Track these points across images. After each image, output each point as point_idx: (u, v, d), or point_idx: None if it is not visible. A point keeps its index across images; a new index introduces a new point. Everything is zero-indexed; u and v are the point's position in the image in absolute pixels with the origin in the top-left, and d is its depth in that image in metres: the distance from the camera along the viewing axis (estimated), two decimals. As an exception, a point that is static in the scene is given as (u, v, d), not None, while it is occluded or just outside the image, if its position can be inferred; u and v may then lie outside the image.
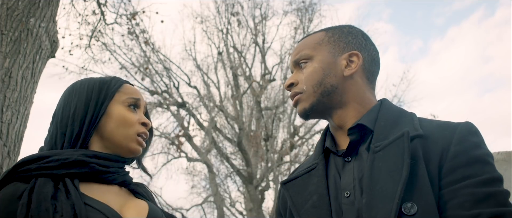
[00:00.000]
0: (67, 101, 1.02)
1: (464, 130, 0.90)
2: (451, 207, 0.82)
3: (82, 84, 1.04)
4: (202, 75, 12.09)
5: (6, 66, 2.52)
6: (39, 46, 2.77)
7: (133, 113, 1.03)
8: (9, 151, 2.46)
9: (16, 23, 2.64)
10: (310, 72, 1.03)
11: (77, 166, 0.91)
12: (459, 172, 0.84)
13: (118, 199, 0.96)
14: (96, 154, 0.96)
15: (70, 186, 0.87)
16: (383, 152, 0.90)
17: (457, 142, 0.88)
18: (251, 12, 12.31)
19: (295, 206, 0.99)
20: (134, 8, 7.40)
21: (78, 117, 0.98)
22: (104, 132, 1.00)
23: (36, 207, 0.80)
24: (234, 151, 12.66)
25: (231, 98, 12.10)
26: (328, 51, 1.04)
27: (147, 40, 9.86)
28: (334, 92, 1.02)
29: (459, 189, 0.83)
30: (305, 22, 12.11)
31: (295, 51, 1.09)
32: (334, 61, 1.03)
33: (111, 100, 1.02)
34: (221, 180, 12.93)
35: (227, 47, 12.05)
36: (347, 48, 1.05)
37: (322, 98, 1.02)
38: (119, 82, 1.06)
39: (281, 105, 11.91)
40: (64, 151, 0.94)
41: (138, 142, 1.02)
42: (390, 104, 1.04)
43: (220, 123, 12.25)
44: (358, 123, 0.98)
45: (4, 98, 2.46)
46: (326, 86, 1.01)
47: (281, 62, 12.24)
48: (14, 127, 2.51)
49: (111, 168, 0.97)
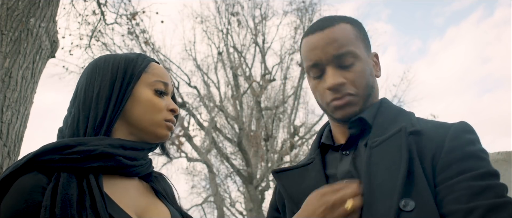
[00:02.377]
0: (90, 80, 0.94)
1: (459, 128, 0.89)
2: (448, 202, 0.80)
3: (106, 62, 0.96)
4: (202, 75, 12.10)
5: (6, 66, 2.52)
6: (39, 46, 2.77)
7: (160, 98, 0.97)
8: (9, 151, 2.46)
9: (16, 23, 2.64)
10: (360, 72, 0.96)
11: (102, 159, 0.85)
12: (454, 167, 0.83)
13: (139, 199, 0.91)
14: (122, 143, 0.90)
15: (95, 189, 0.80)
16: (380, 147, 0.88)
17: (451, 138, 0.87)
18: (251, 12, 12.33)
19: (292, 198, 0.97)
20: (134, 8, 7.40)
21: (102, 98, 0.91)
22: (130, 116, 0.93)
23: (60, 214, 0.73)
24: (234, 151, 12.66)
25: (231, 98, 12.10)
26: (364, 49, 1.00)
27: (147, 40, 9.86)
28: (372, 94, 0.99)
29: (455, 184, 0.81)
30: (305, 22, 12.11)
31: (334, 44, 0.95)
32: (369, 61, 1.00)
33: (137, 81, 0.95)
34: (221, 180, 12.94)
35: (227, 47, 12.05)
36: (370, 47, 1.03)
37: (367, 101, 0.98)
38: (146, 60, 0.99)
39: (281, 105, 11.91)
40: (89, 139, 0.87)
41: (167, 126, 0.96)
42: (389, 103, 1.03)
43: (220, 123, 12.25)
44: (360, 117, 0.96)
45: (4, 98, 2.46)
46: (370, 87, 0.98)
47: (281, 62, 12.25)
48: (14, 127, 2.51)
49: (136, 160, 0.92)
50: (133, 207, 0.88)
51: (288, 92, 12.30)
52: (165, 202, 0.97)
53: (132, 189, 0.92)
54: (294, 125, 12.33)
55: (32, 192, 0.77)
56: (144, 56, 1.00)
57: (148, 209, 0.92)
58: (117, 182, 0.89)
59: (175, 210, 0.98)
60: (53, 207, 0.74)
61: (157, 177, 1.02)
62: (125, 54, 0.99)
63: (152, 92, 0.96)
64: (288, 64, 12.30)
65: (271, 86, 12.53)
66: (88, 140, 0.87)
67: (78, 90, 0.95)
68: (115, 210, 0.82)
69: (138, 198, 0.92)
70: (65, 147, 0.84)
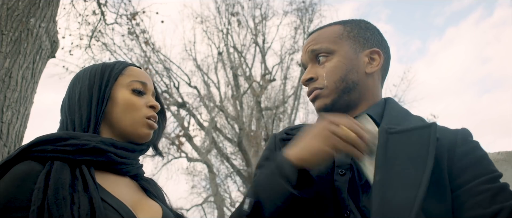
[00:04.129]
0: (72, 89, 1.00)
1: (465, 133, 0.94)
2: (469, 207, 0.82)
3: (85, 71, 1.02)
4: (202, 75, 12.10)
5: (6, 66, 2.52)
6: (39, 46, 2.77)
7: (138, 97, 0.99)
8: (9, 151, 2.46)
9: (16, 23, 2.64)
10: (332, 67, 1.00)
11: (94, 154, 0.88)
12: (469, 171, 0.86)
13: (131, 194, 0.93)
14: (113, 142, 0.93)
15: (87, 175, 0.83)
16: (401, 135, 0.88)
17: (461, 143, 0.91)
18: (251, 12, 12.32)
19: None
20: (134, 8, 7.41)
21: (84, 101, 0.95)
22: (112, 119, 0.96)
23: (53, 194, 0.75)
24: (234, 151, 12.66)
25: (231, 98, 12.10)
26: (349, 46, 1.02)
27: (147, 40, 9.86)
28: (355, 90, 1.00)
29: (473, 188, 0.84)
30: (305, 22, 12.11)
31: (312, 42, 1.04)
32: (356, 58, 1.01)
33: (114, 84, 0.98)
34: (221, 180, 12.94)
35: (227, 47, 12.05)
36: (367, 45, 1.04)
37: (343, 95, 0.99)
38: (122, 65, 1.02)
39: (281, 105, 11.91)
40: (82, 134, 0.90)
41: (148, 125, 0.98)
42: (396, 103, 1.05)
43: (220, 123, 12.25)
44: (366, 112, 0.97)
45: (4, 98, 2.46)
46: (348, 82, 0.99)
47: (281, 62, 12.25)
48: (14, 127, 2.52)
49: (127, 159, 0.95)
50: (126, 198, 0.90)
51: (288, 92, 12.31)
52: (156, 200, 0.99)
53: (123, 185, 0.94)
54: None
55: (25, 178, 0.79)
56: (122, 62, 1.04)
57: (140, 203, 0.94)
58: (108, 177, 0.91)
59: (166, 208, 1.00)
60: (45, 189, 0.77)
61: (148, 181, 1.04)
62: (103, 62, 1.04)
63: (129, 92, 0.99)
64: (288, 64, 12.31)
65: (271, 86, 12.54)
66: (81, 135, 0.90)
67: (64, 101, 1.01)
68: (108, 196, 0.85)
69: (129, 192, 0.94)
70: (58, 139, 0.87)
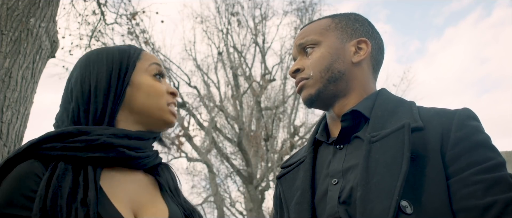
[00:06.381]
0: (85, 74, 0.92)
1: (463, 115, 0.88)
2: (462, 197, 0.78)
3: (99, 55, 0.95)
4: (202, 75, 12.10)
5: (6, 66, 2.52)
6: (39, 46, 2.77)
7: (159, 82, 0.96)
8: (9, 151, 2.46)
9: (16, 23, 2.64)
10: (317, 57, 1.00)
11: (103, 150, 0.84)
12: (463, 159, 0.81)
13: (138, 195, 0.89)
14: (127, 133, 0.88)
15: (91, 182, 0.80)
16: (381, 143, 0.86)
17: (456, 128, 0.85)
18: (251, 12, 12.32)
19: (286, 202, 0.98)
20: (134, 8, 7.39)
21: (101, 91, 0.89)
22: (133, 105, 0.92)
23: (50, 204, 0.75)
24: (234, 151, 12.66)
25: (231, 98, 12.10)
26: (336, 37, 1.02)
27: (147, 40, 9.85)
28: (341, 79, 0.99)
29: (467, 177, 0.79)
30: (305, 22, 12.08)
31: (300, 36, 1.05)
32: (343, 47, 1.01)
33: (134, 70, 0.94)
34: (221, 180, 12.95)
35: (227, 47, 12.05)
36: (355, 35, 1.03)
37: (329, 84, 0.99)
38: (138, 50, 0.99)
39: (281, 105, 11.91)
40: (93, 128, 0.86)
41: (172, 112, 0.96)
42: (388, 93, 1.02)
43: (220, 123, 12.26)
44: (353, 109, 0.95)
45: (4, 98, 2.46)
46: (333, 72, 0.99)
47: (281, 62, 12.25)
48: (14, 127, 2.52)
49: (141, 151, 0.91)
50: (130, 203, 0.87)
51: (288, 92, 12.31)
52: (167, 200, 0.95)
53: (133, 183, 0.90)
54: (294, 125, 12.32)
55: (26, 180, 0.78)
56: (135, 47, 1.00)
57: (146, 206, 0.90)
58: (117, 176, 0.88)
59: (177, 207, 0.96)
60: (45, 198, 0.75)
61: (163, 169, 1.00)
62: (116, 46, 0.99)
63: (151, 77, 0.96)
64: (288, 64, 12.30)
65: (271, 86, 12.54)
66: (92, 129, 0.86)
67: (73, 85, 0.93)
68: (107, 207, 0.81)
69: (138, 193, 0.90)
70: (69, 135, 0.84)
